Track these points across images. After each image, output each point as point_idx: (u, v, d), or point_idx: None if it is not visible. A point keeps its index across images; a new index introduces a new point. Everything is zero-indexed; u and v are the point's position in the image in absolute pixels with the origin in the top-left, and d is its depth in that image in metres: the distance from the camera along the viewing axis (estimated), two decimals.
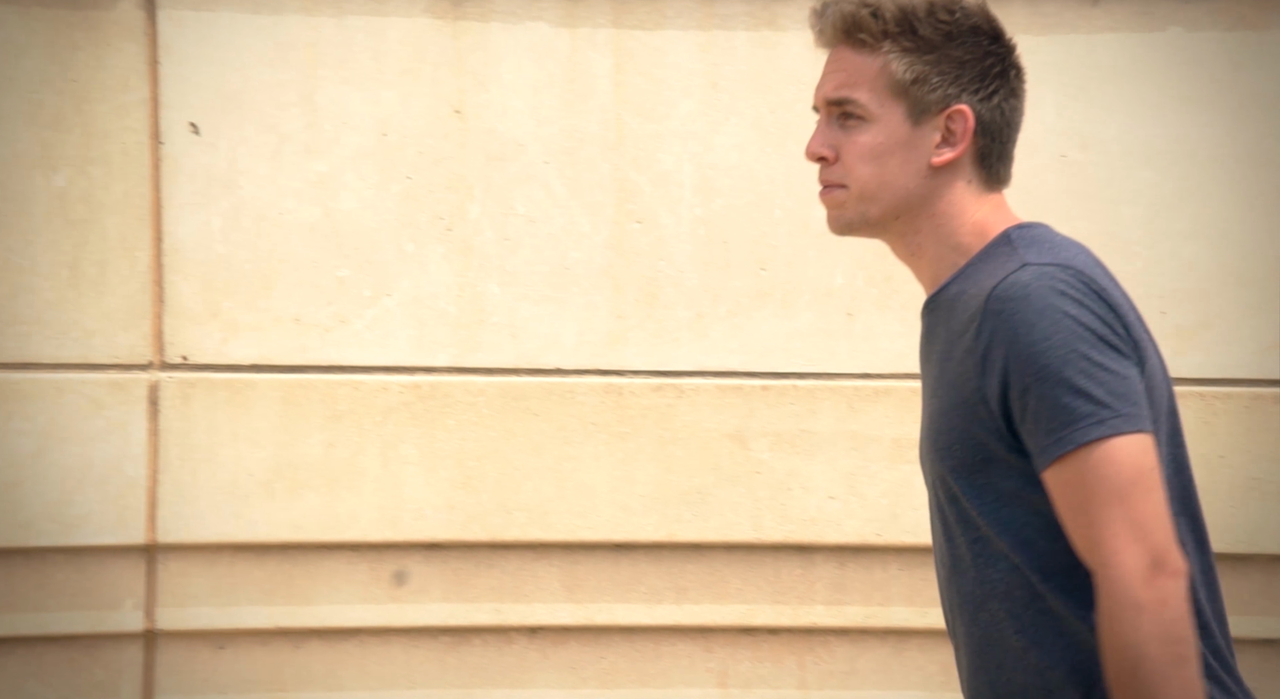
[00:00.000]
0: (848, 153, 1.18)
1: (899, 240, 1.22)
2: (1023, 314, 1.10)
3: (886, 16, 1.16)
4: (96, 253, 2.09)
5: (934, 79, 1.15)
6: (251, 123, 2.12)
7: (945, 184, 1.18)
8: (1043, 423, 1.10)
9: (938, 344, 1.22)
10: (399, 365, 2.13)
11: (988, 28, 1.19)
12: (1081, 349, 1.09)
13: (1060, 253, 1.17)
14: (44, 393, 2.07)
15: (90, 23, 2.07)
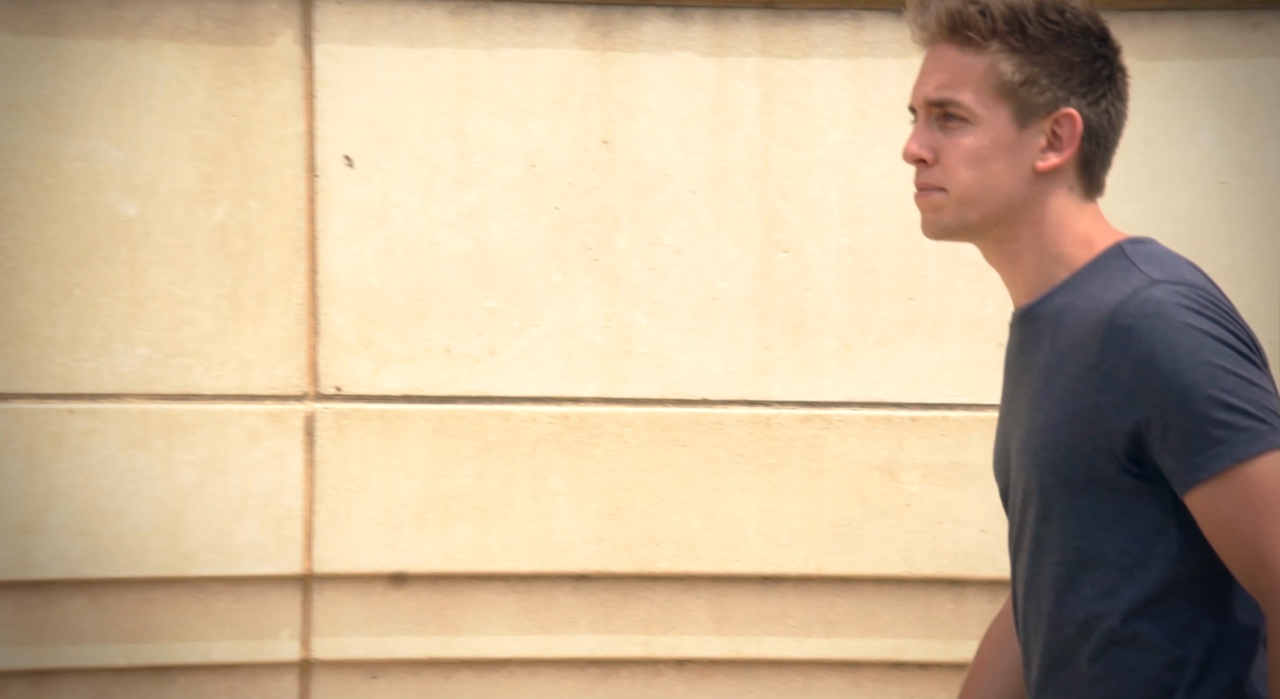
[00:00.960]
0: (948, 155, 1.22)
1: (996, 246, 1.26)
2: (1160, 331, 1.15)
3: (995, 14, 1.20)
4: (255, 285, 2.31)
5: (1043, 81, 1.20)
6: (404, 155, 2.33)
7: (1048, 190, 1.23)
8: (1193, 441, 1.15)
9: (1040, 357, 1.25)
10: (547, 396, 2.34)
11: (1096, 28, 1.24)
12: (1227, 365, 1.15)
13: (1183, 271, 1.23)
14: (205, 424, 2.29)
15: (250, 58, 2.29)
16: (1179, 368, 1.15)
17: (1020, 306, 1.29)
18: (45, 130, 2.23)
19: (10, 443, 2.22)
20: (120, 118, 2.27)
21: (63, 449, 2.23)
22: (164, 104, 2.30)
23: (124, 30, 2.26)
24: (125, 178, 2.27)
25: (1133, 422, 1.18)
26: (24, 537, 2.23)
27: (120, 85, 2.28)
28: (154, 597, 2.28)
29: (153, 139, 2.28)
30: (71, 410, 2.22)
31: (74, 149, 2.24)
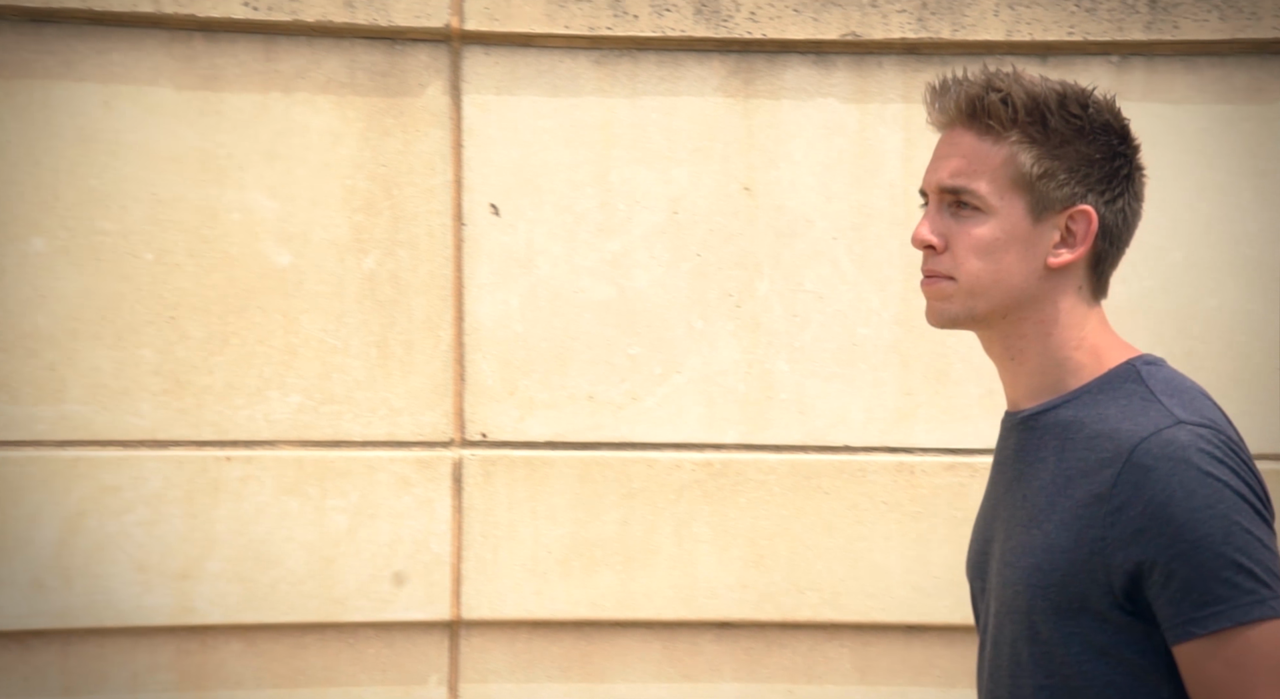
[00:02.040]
0: (959, 244, 1.30)
1: (1000, 340, 1.33)
2: (1180, 477, 1.22)
3: (1017, 104, 1.28)
4: (403, 333, 2.54)
5: (1061, 175, 1.28)
6: (548, 203, 2.57)
7: (1058, 287, 1.30)
8: (1193, 594, 1.22)
9: (1043, 471, 1.31)
10: (690, 442, 2.56)
11: (1117, 126, 1.32)
12: (1243, 522, 1.22)
13: (1202, 408, 1.29)
14: (356, 470, 2.52)
15: (399, 109, 2.53)
16: (1195, 518, 1.21)
17: (1021, 409, 1.34)
18: (204, 182, 2.49)
19: (170, 490, 2.47)
20: (275, 169, 2.52)
21: (220, 495, 2.48)
22: (317, 155, 2.53)
23: (280, 83, 2.51)
24: (280, 228, 2.52)
25: (1136, 561, 1.24)
26: (184, 582, 2.47)
27: (275, 137, 2.52)
28: (306, 642, 2.51)
29: (306, 189, 2.53)
30: (228, 457, 2.47)
31: (231, 200, 2.50)
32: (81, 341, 2.45)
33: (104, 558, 2.44)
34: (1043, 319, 1.31)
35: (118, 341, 2.46)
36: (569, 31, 2.54)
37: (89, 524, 2.45)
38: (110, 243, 2.46)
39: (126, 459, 2.45)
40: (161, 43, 2.46)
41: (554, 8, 2.54)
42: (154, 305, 2.48)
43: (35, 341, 2.43)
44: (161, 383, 2.48)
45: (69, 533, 2.43)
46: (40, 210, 2.44)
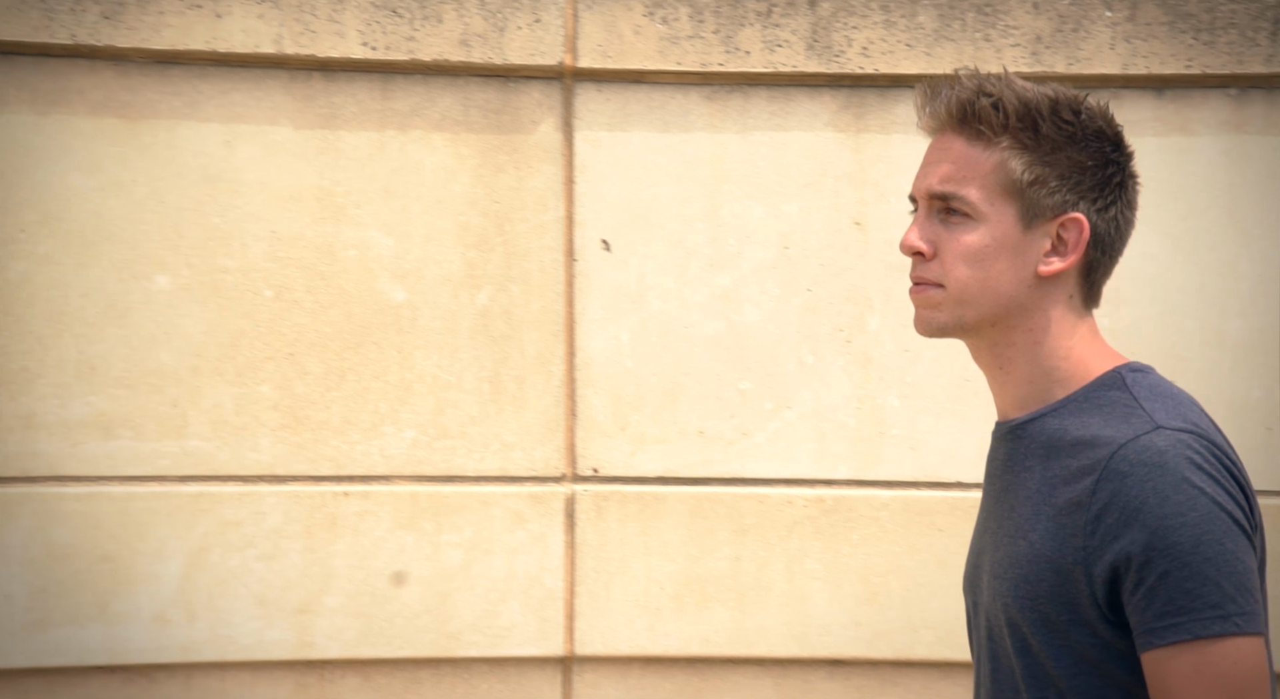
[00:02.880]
0: (948, 251, 1.36)
1: (989, 349, 1.39)
2: (1155, 483, 1.27)
3: (1008, 109, 1.33)
4: (515, 368, 2.72)
5: (1052, 182, 1.33)
6: (659, 238, 2.74)
7: (1048, 296, 1.36)
8: (1157, 603, 1.27)
9: (1029, 481, 1.36)
10: (801, 478, 2.73)
11: (1110, 132, 1.37)
12: (1217, 532, 1.26)
13: (1186, 413, 1.33)
14: (470, 506, 2.70)
15: (513, 146, 2.72)
16: (1166, 525, 1.26)
17: (1008, 419, 1.40)
18: (322, 219, 2.68)
19: (289, 525, 2.65)
20: (391, 206, 2.70)
21: (338, 530, 2.66)
22: (431, 192, 2.71)
23: (396, 121, 2.70)
24: (395, 264, 2.70)
25: (1112, 568, 1.29)
26: (302, 617, 2.65)
27: (391, 175, 2.70)
28: (422, 677, 2.69)
29: (421, 226, 2.71)
30: (346, 492, 2.66)
31: (348, 237, 2.69)
32: (204, 378, 2.64)
33: (226, 592, 2.63)
34: (1032, 328, 1.37)
35: (238, 378, 2.65)
36: (681, 68, 2.71)
37: (211, 559, 2.63)
38: (231, 280, 2.65)
39: (247, 494, 2.64)
40: (282, 83, 2.66)
41: (666, 44, 2.72)
42: (273, 342, 2.67)
43: (159, 378, 2.62)
44: (280, 418, 2.67)
45: (192, 567, 2.63)
46: (165, 248, 2.63)
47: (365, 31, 2.69)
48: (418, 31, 2.69)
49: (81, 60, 2.59)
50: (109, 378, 2.61)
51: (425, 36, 2.68)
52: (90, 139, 2.61)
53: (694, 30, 2.73)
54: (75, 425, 2.60)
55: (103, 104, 2.61)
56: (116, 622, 2.59)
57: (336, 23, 2.68)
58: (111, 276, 2.62)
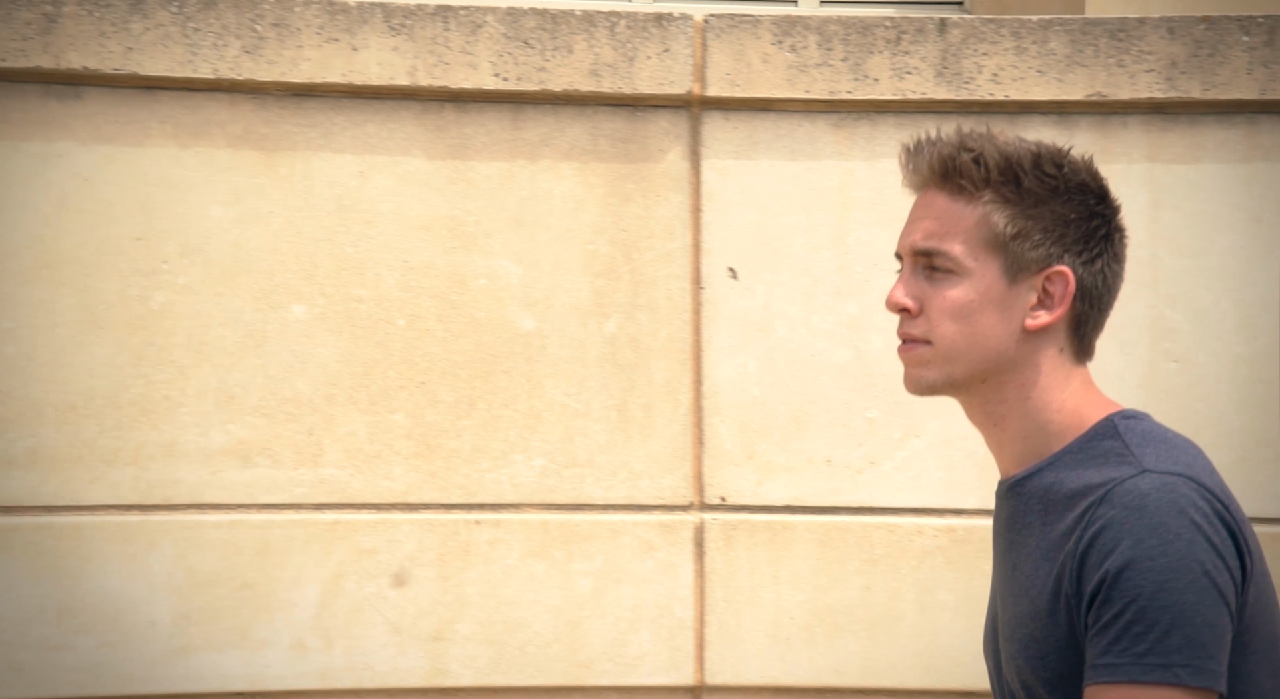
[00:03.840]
0: (934, 307, 1.46)
1: (980, 406, 1.48)
2: (1131, 525, 1.34)
3: (990, 164, 1.43)
4: (643, 396, 2.92)
5: (1036, 236, 1.43)
6: (786, 266, 2.92)
7: (1037, 349, 1.45)
8: (1105, 641, 1.34)
9: (1030, 538, 1.44)
10: (930, 507, 2.90)
11: (1094, 185, 1.48)
12: (1180, 583, 1.33)
13: (1179, 456, 1.39)
14: (600, 534, 2.89)
15: (640, 175, 2.93)
16: (1132, 567, 1.33)
17: (1008, 477, 1.49)
18: (453, 249, 2.88)
19: (423, 553, 2.84)
20: (520, 235, 2.90)
21: (470, 558, 2.86)
22: (560, 221, 2.91)
23: (525, 151, 2.91)
24: (524, 293, 2.90)
25: (1089, 606, 1.36)
26: (436, 644, 2.84)
27: (521, 204, 2.91)
28: None
29: (550, 255, 2.91)
30: (478, 520, 2.86)
31: (478, 266, 2.89)
32: (338, 406, 2.85)
33: (361, 620, 2.83)
34: (1023, 383, 1.46)
35: (372, 406, 2.85)
36: (809, 96, 2.91)
37: (347, 586, 2.83)
38: (365, 309, 2.86)
39: (381, 522, 2.84)
40: (414, 114, 2.87)
41: (794, 73, 2.91)
42: (406, 370, 2.87)
43: (295, 406, 2.83)
44: (412, 446, 2.87)
45: (329, 595, 2.83)
46: (300, 278, 2.85)
47: (497, 63, 2.91)
48: (549, 62, 2.91)
49: (222, 94, 2.81)
50: (247, 406, 2.82)
51: (556, 67, 2.90)
52: (229, 171, 2.83)
53: (822, 58, 2.92)
54: (215, 453, 2.81)
55: (241, 137, 2.83)
56: (256, 648, 2.79)
57: (469, 54, 2.94)
58: (250, 306, 2.83)
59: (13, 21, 2.72)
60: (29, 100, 2.78)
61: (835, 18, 2.98)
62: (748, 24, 2.96)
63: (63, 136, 2.80)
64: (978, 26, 2.96)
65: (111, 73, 2.77)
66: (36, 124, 2.79)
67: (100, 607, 2.78)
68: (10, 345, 2.78)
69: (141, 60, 2.78)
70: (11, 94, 2.76)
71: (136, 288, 2.83)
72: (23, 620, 2.74)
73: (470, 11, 2.90)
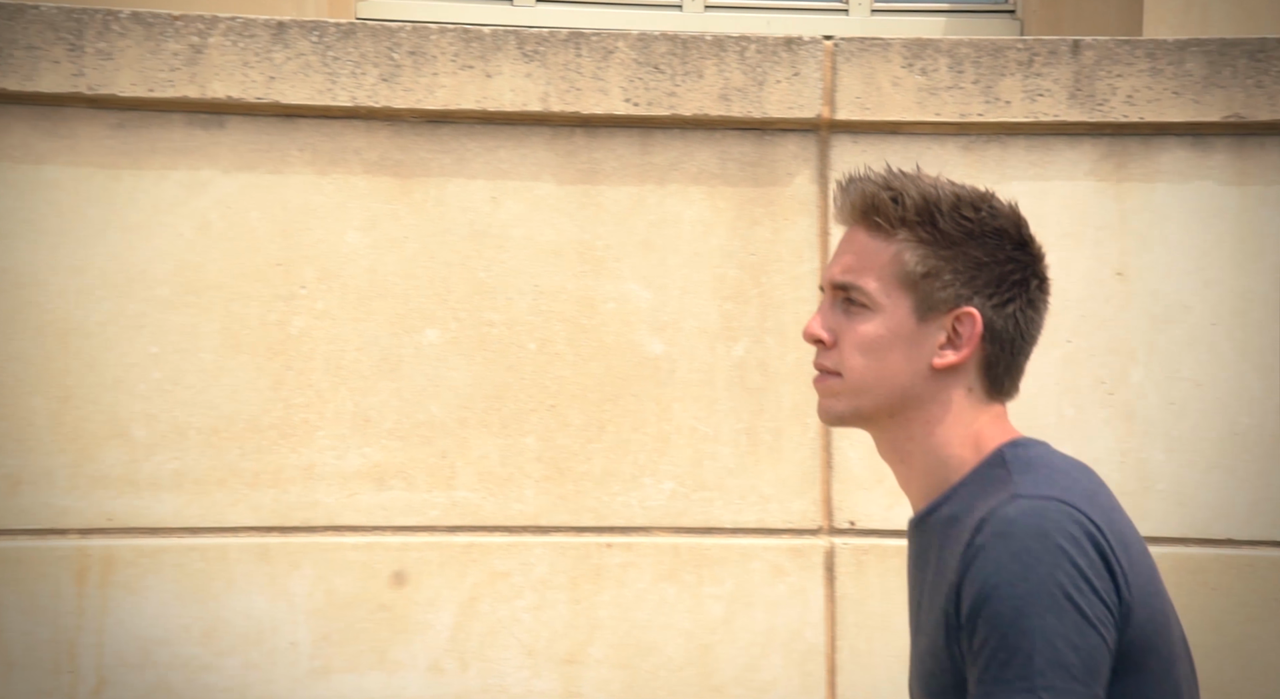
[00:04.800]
0: (846, 340, 1.60)
1: (889, 442, 1.60)
2: (996, 552, 1.46)
3: (907, 204, 1.59)
4: (772, 420, 3.09)
5: (946, 276, 1.58)
6: None
7: (944, 388, 1.60)
8: (977, 669, 1.46)
9: (929, 573, 1.54)
10: None
11: (1014, 232, 1.61)
12: (1040, 606, 1.44)
13: (1056, 481, 1.49)
14: (731, 558, 3.07)
15: (769, 198, 3.13)
16: (996, 594, 1.45)
17: (915, 513, 1.61)
18: (583, 273, 3.10)
19: (556, 575, 3.05)
20: (649, 259, 3.11)
21: (602, 581, 3.07)
22: (689, 245, 3.11)
23: (655, 176, 3.13)
24: (653, 317, 3.10)
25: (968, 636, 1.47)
26: (570, 667, 3.06)
27: (650, 228, 3.11)
28: None
29: (678, 279, 3.11)
30: (609, 544, 3.08)
31: (608, 290, 3.10)
32: (471, 429, 3.06)
33: (496, 642, 3.03)
34: (928, 419, 1.60)
35: (503, 429, 3.07)
36: (939, 118, 3.09)
37: (482, 609, 3.04)
38: (497, 333, 3.08)
39: (514, 545, 3.05)
40: (545, 139, 3.10)
41: (925, 96, 3.10)
42: (536, 394, 3.09)
43: (429, 430, 3.05)
44: (543, 470, 3.08)
45: (464, 617, 3.04)
46: (434, 302, 3.07)
47: (628, 88, 3.10)
48: (679, 87, 3.11)
49: (359, 121, 3.03)
50: (382, 430, 3.04)
51: (686, 91, 3.10)
52: (366, 197, 3.05)
53: (953, 81, 3.12)
54: (351, 476, 3.03)
55: (377, 163, 3.06)
56: (394, 670, 3.00)
57: (601, 80, 3.11)
58: (385, 331, 3.05)
59: (161, 53, 3.07)
60: (174, 129, 3.12)
61: (966, 40, 3.26)
62: (878, 47, 3.27)
63: (206, 165, 3.04)
64: (1112, 48, 3.24)
65: (254, 101, 3.06)
66: (182, 152, 3.08)
67: (244, 627, 2.98)
68: (156, 369, 3.10)
69: (283, 89, 3.13)
70: (158, 123, 3.08)
71: (276, 313, 3.06)
72: (171, 640, 3.00)
73: (602, 37, 3.22)
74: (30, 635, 2.92)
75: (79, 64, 2.91)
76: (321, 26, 2.99)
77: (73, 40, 2.91)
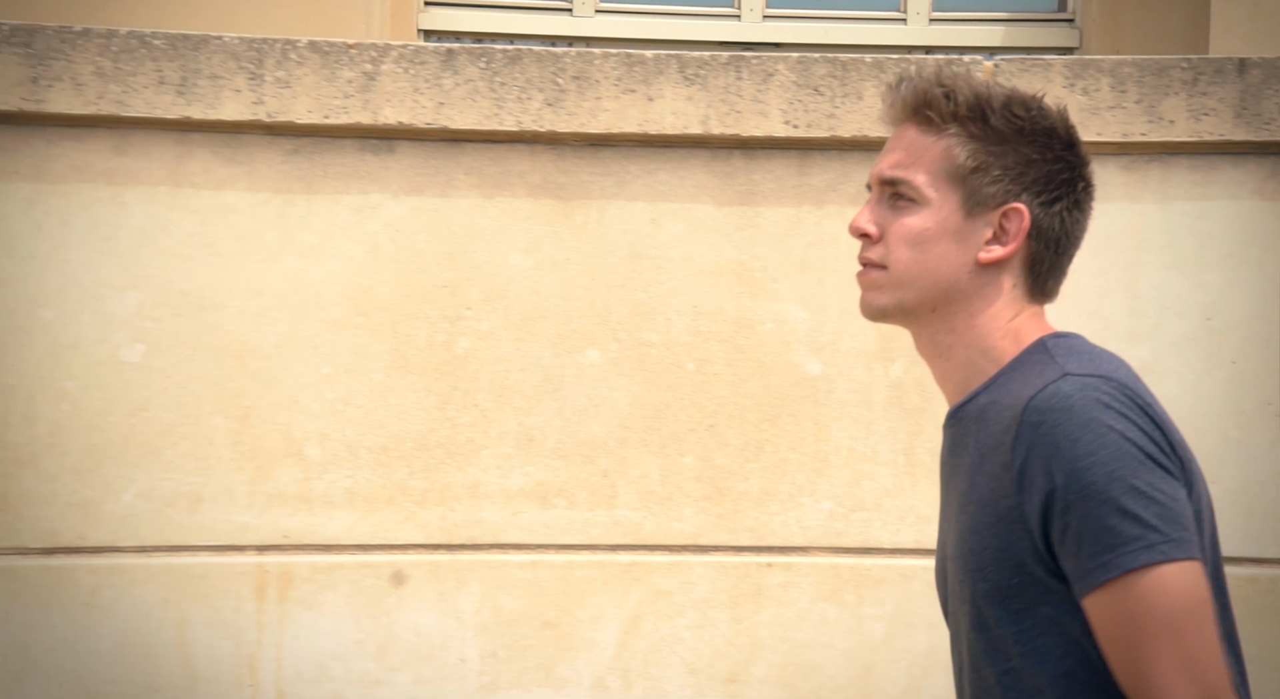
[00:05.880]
0: (893, 233, 1.75)
1: (929, 337, 1.73)
2: (1064, 426, 1.59)
3: (959, 99, 1.73)
4: (929, 441, 3.29)
5: (995, 171, 1.73)
6: (1075, 309, 3.27)
7: (989, 283, 1.74)
8: (1085, 545, 1.56)
9: (966, 457, 1.67)
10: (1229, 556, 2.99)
11: (1064, 133, 1.74)
12: (1129, 466, 1.58)
13: (1102, 364, 1.61)
14: (891, 578, 3.28)
15: None
16: (1079, 466, 1.56)
17: (951, 406, 1.71)
18: (741, 294, 3.34)
19: (717, 594, 3.29)
20: (806, 280, 3.33)
21: (763, 601, 3.30)
22: (846, 265, 3.24)
23: (811, 197, 3.40)
24: (810, 337, 3.33)
25: (1042, 517, 1.58)
26: (731, 686, 3.29)
27: (807, 249, 3.33)
28: None
29: (835, 299, 3.32)
30: (769, 563, 3.33)
31: (765, 311, 3.35)
32: (631, 449, 3.31)
33: (659, 660, 3.28)
34: (971, 313, 1.73)
35: (663, 449, 3.31)
36: (1101, 138, 3.28)
37: (645, 627, 3.29)
38: (656, 354, 3.33)
39: (675, 564, 3.30)
40: (704, 161, 3.36)
41: (1086, 115, 3.29)
42: (695, 414, 3.33)
43: (590, 449, 3.32)
44: (702, 489, 3.32)
45: (628, 635, 3.31)
46: (595, 323, 3.34)
47: (787, 110, 3.32)
48: (838, 108, 3.32)
49: (523, 145, 3.29)
50: (545, 449, 3.30)
51: (845, 113, 3.31)
52: (529, 219, 3.31)
53: (1115, 101, 3.32)
54: (515, 494, 3.29)
55: (540, 186, 3.32)
56: (560, 687, 3.24)
57: (761, 102, 3.34)
58: (547, 351, 3.33)
59: (336, 80, 3.51)
60: (346, 154, 3.57)
61: (1129, 60, 3.55)
62: (1039, 67, 3.68)
63: (376, 189, 3.34)
64: (1279, 67, 3.70)
65: (423, 127, 3.44)
66: (353, 177, 3.48)
67: (415, 643, 3.22)
68: (329, 389, 3.54)
69: (451, 114, 3.58)
70: (331, 149, 3.52)
71: (443, 334, 3.36)
72: (346, 655, 3.35)
73: (762, 61, 3.64)
74: (214, 649, 3.21)
75: (259, 92, 3.35)
76: (489, 53, 3.37)
77: (253, 69, 3.35)
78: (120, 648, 3.26)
